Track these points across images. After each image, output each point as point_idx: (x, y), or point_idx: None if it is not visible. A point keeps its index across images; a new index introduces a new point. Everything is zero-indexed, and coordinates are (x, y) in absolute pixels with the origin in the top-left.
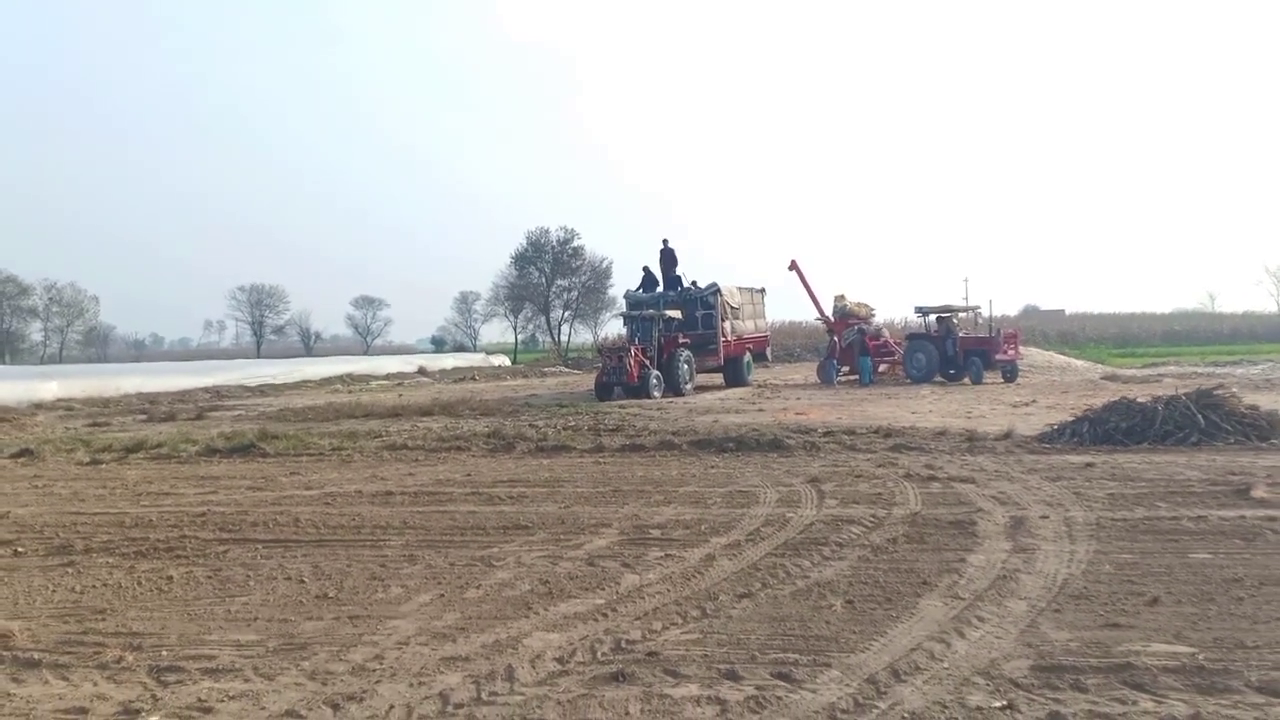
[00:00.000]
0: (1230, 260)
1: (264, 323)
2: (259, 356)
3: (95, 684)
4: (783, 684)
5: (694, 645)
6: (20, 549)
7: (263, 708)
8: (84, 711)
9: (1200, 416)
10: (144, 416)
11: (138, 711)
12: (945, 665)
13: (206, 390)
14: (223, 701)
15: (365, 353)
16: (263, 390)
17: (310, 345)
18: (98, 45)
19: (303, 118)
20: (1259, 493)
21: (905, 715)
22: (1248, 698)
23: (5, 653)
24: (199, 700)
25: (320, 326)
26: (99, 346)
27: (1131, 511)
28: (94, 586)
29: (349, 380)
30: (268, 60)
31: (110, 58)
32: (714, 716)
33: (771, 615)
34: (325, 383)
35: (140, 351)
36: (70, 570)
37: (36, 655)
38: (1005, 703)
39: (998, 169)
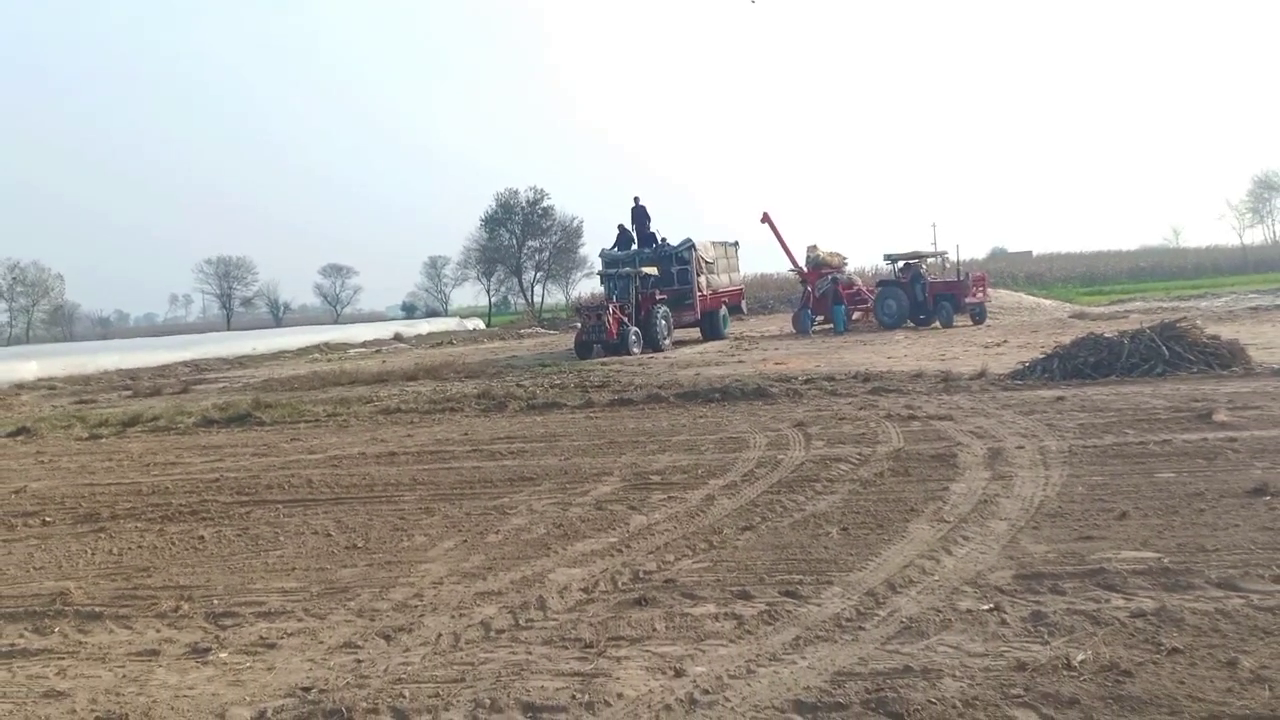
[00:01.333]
0: (1194, 196)
1: (232, 295)
2: (229, 329)
3: (158, 630)
4: (791, 600)
5: (706, 572)
6: (48, 519)
7: (321, 641)
8: (155, 653)
9: (1164, 348)
10: (128, 392)
11: (207, 649)
12: (936, 578)
13: (185, 364)
14: (283, 638)
15: (336, 322)
16: (241, 362)
17: (279, 316)
18: (50, 13)
19: (264, 83)
20: (1220, 416)
21: (903, 620)
22: (1208, 592)
23: (66, 608)
24: (260, 638)
25: (288, 297)
26: (65, 325)
27: (1101, 439)
28: (130, 548)
29: (326, 349)
30: (227, 25)
31: (64, 26)
32: (733, 629)
33: (774, 544)
34: (302, 353)
35: (106, 329)
36: (103, 535)
37: (96, 609)
38: (992, 605)
39: (964, 115)
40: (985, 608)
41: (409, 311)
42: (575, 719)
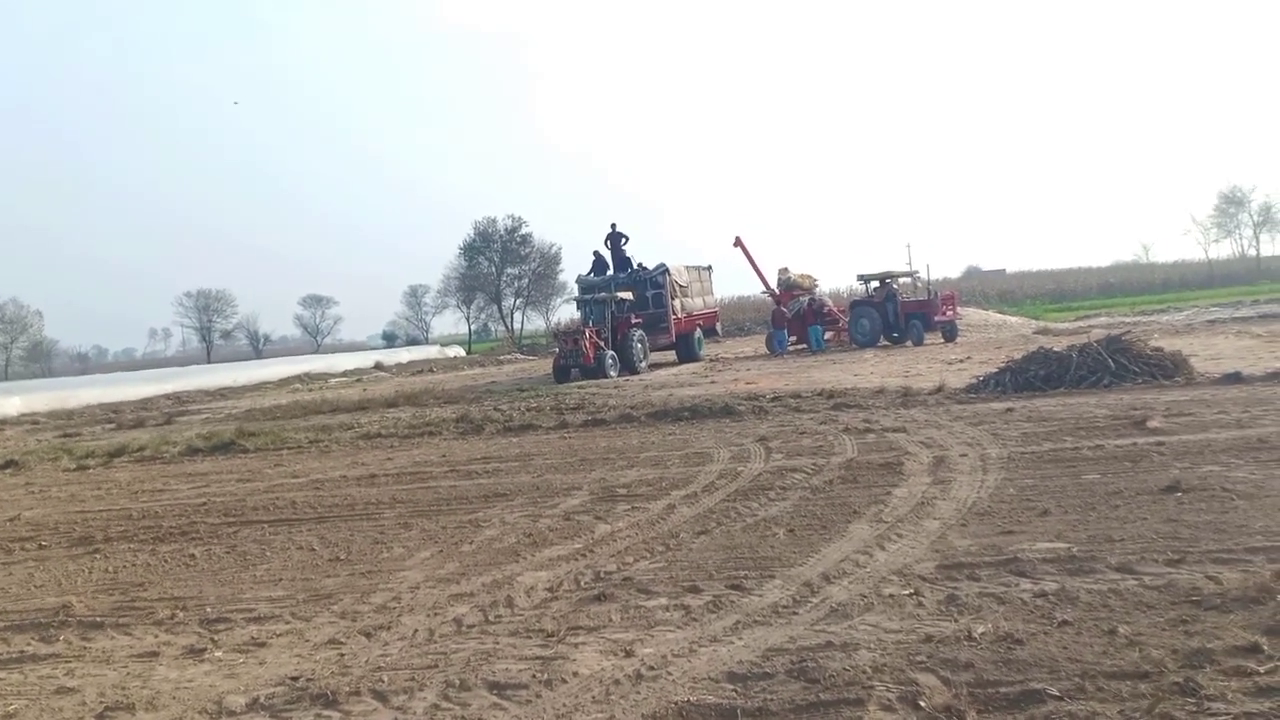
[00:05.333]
0: (1163, 212)
1: (212, 327)
2: (209, 362)
3: (156, 635)
4: (735, 592)
5: (661, 571)
6: (43, 543)
7: (307, 640)
8: (155, 654)
9: (1110, 361)
10: (112, 425)
11: (202, 650)
12: (867, 570)
13: (167, 397)
14: (273, 638)
15: (316, 352)
16: (223, 394)
17: (260, 348)
18: (25, 49)
19: (241, 116)
20: (1154, 423)
21: (833, 605)
22: (1107, 576)
23: (70, 618)
24: (252, 638)
25: (269, 328)
26: (43, 361)
27: (1040, 446)
28: (125, 567)
29: (307, 379)
30: (205, 59)
31: (38, 63)
32: (680, 618)
33: (725, 545)
34: (284, 383)
35: (85, 364)
36: (98, 556)
37: (97, 619)
38: (913, 590)
39: (938, 136)
40: (906, 593)
41: (389, 340)
42: (535, 694)
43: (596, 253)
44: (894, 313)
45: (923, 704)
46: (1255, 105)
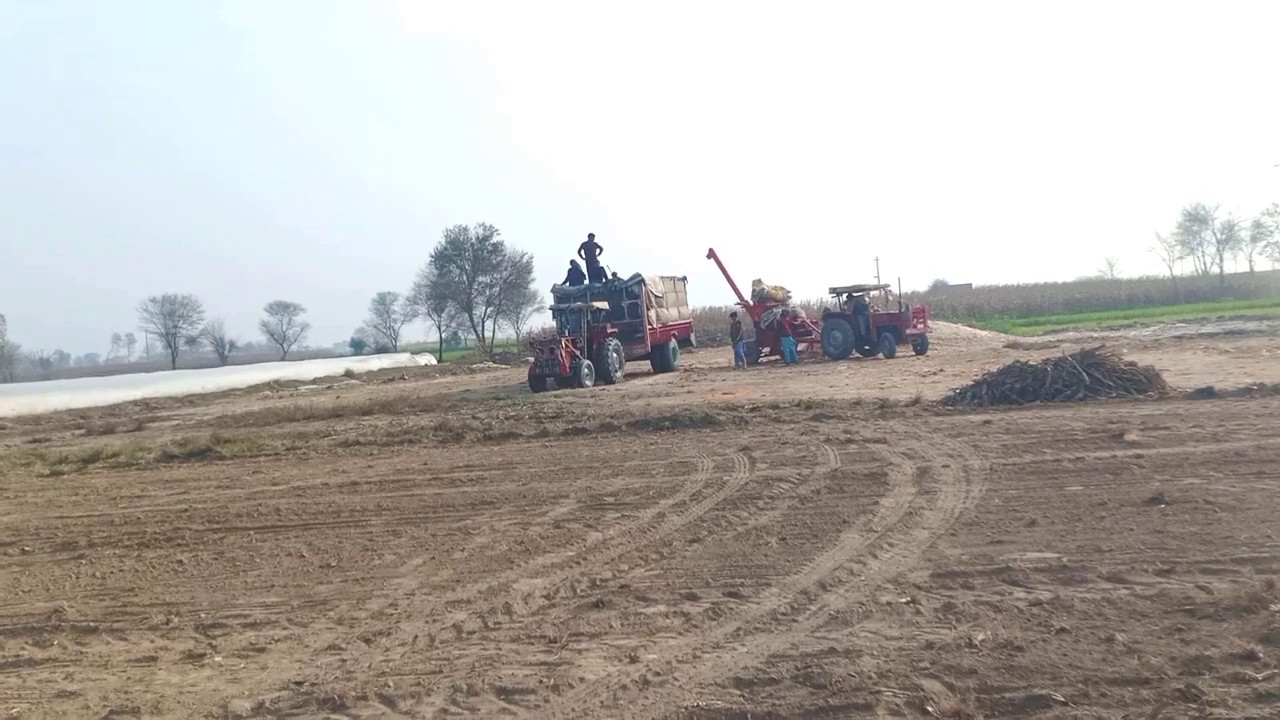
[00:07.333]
0: (1128, 228)
1: (178, 333)
2: (174, 368)
3: (153, 641)
4: (733, 600)
5: (657, 579)
6: (26, 548)
7: (307, 645)
8: (154, 659)
9: (1085, 374)
10: (82, 430)
11: (201, 655)
12: (862, 579)
13: (135, 403)
14: (272, 643)
15: (283, 359)
16: (192, 400)
17: (225, 355)
18: None
19: (203, 124)
20: (1131, 436)
21: (831, 613)
22: (1098, 585)
23: (62, 624)
24: (251, 644)
25: (234, 335)
26: (5, 366)
27: (1021, 458)
28: (113, 572)
29: (277, 386)
30: (168, 67)
31: None
32: (681, 625)
33: (718, 554)
34: (253, 390)
35: (47, 370)
36: (83, 561)
37: (90, 624)
38: (909, 599)
39: (906, 150)
40: (903, 601)
41: (358, 348)
42: (543, 699)
43: (572, 262)
44: (866, 325)
45: (930, 709)
46: (1220, 123)
